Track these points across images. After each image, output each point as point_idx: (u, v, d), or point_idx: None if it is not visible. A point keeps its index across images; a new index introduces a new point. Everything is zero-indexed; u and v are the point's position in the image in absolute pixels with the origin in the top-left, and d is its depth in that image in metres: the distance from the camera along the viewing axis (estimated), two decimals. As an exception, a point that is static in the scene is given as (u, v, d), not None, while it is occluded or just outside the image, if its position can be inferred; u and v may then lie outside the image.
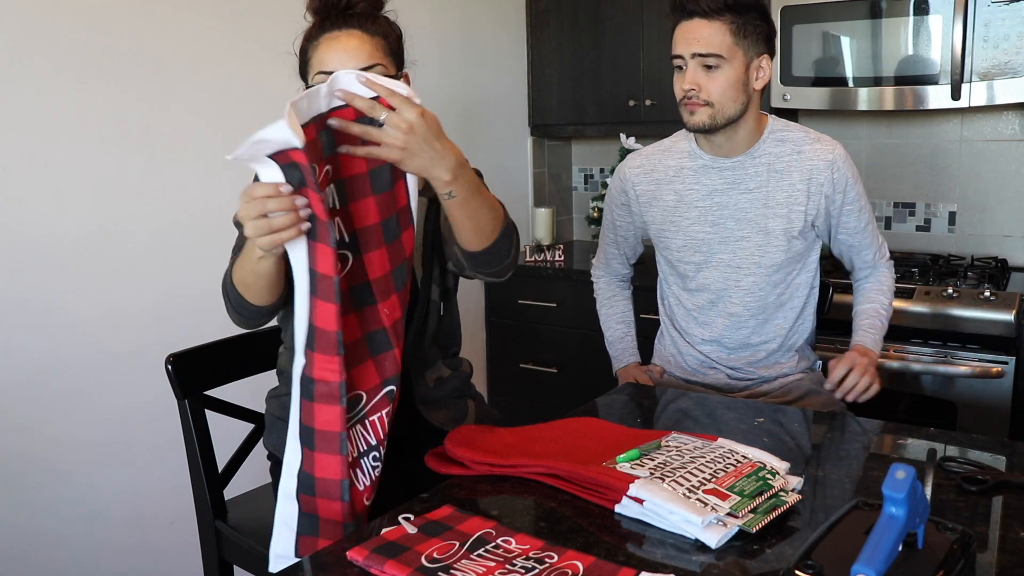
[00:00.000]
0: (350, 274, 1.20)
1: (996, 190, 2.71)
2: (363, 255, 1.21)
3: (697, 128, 1.69)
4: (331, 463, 1.18)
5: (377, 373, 1.24)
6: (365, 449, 1.24)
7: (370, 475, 1.25)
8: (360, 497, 1.23)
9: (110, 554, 2.02)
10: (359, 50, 1.39)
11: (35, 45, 1.83)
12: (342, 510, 1.20)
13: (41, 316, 1.88)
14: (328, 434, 1.17)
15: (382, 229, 1.22)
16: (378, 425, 1.24)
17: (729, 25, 1.64)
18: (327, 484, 1.19)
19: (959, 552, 0.91)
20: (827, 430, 1.44)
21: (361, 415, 1.23)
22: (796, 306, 1.83)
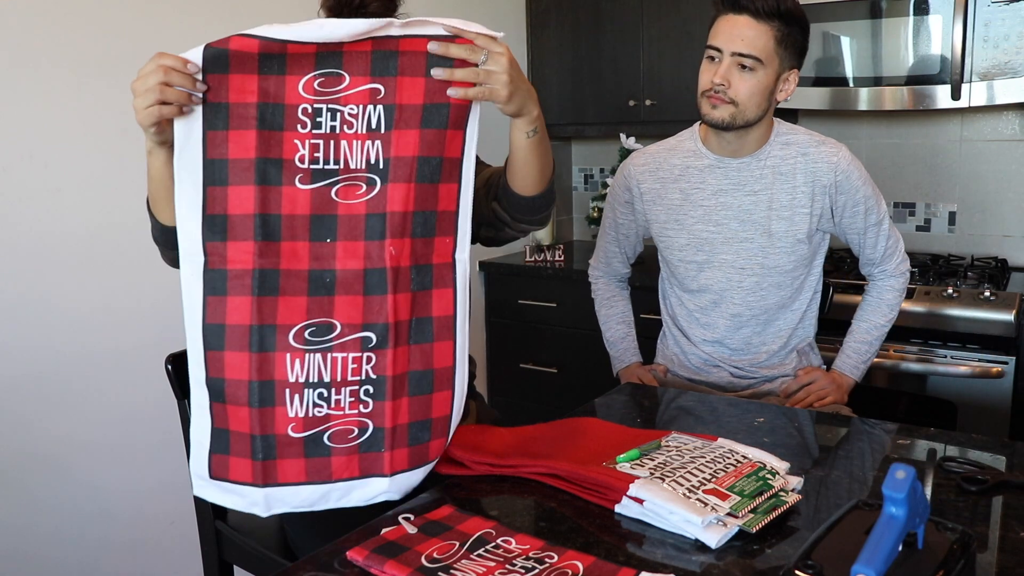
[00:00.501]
0: (371, 201, 1.14)
1: (996, 190, 2.71)
2: (388, 184, 1.14)
3: (715, 123, 1.69)
4: (239, 361, 1.11)
5: (361, 313, 1.15)
6: (314, 381, 1.14)
7: (307, 409, 1.14)
8: (285, 423, 1.13)
9: (110, 553, 2.02)
10: None
11: (35, 45, 1.83)
12: (250, 419, 1.11)
13: (41, 315, 1.88)
14: (238, 329, 1.11)
15: (416, 165, 1.14)
16: (339, 365, 1.14)
17: (775, 31, 1.64)
18: (236, 386, 1.12)
19: (959, 552, 0.91)
20: (827, 430, 1.44)
21: (326, 346, 1.14)
22: (799, 309, 1.83)
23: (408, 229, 1.15)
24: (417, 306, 1.17)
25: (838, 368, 1.86)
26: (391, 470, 1.17)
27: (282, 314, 1.13)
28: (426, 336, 1.18)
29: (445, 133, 1.15)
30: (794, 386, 1.83)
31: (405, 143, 1.14)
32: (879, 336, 1.86)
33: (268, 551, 1.49)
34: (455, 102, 1.15)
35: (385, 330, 1.15)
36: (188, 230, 1.12)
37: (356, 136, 1.13)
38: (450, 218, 1.18)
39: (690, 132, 1.85)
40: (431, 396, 1.19)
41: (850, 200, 1.76)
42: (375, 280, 1.15)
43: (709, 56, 1.69)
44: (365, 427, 1.16)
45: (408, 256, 1.16)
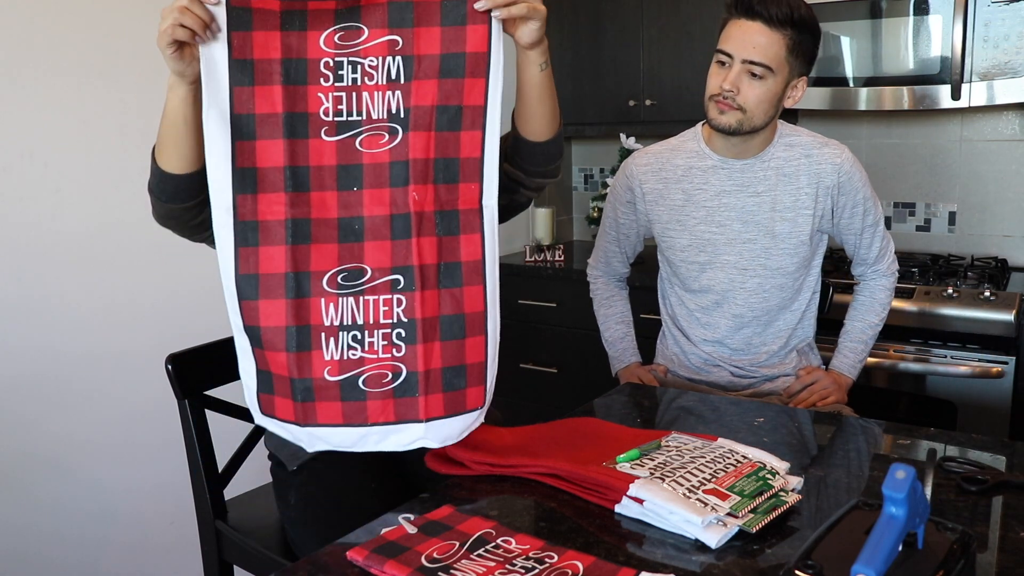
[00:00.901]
0: (393, 150, 1.17)
1: (996, 190, 2.71)
2: (409, 132, 1.17)
3: (722, 128, 1.69)
4: (275, 309, 1.15)
5: (390, 256, 1.18)
6: (348, 324, 1.18)
7: (342, 352, 1.18)
8: (321, 366, 1.17)
9: (110, 553, 2.02)
10: None
11: (35, 45, 1.83)
12: (287, 363, 1.16)
13: (41, 315, 1.88)
14: (273, 277, 1.15)
15: (436, 113, 1.17)
16: (371, 308, 1.18)
17: (787, 40, 1.63)
18: (273, 333, 1.16)
19: (959, 552, 0.91)
20: (827, 430, 1.44)
21: (359, 289, 1.18)
22: (799, 309, 1.84)
23: (430, 175, 1.18)
24: (444, 251, 1.19)
25: (836, 368, 1.87)
26: (426, 415, 1.19)
27: (315, 261, 1.17)
28: (456, 281, 1.20)
29: (463, 82, 1.17)
30: (797, 386, 1.83)
31: (424, 92, 1.17)
32: (873, 335, 1.88)
33: (268, 551, 1.49)
34: (471, 51, 1.17)
35: (412, 272, 1.18)
36: (219, 184, 1.15)
37: (377, 87, 1.17)
38: (474, 165, 1.20)
39: (693, 132, 1.84)
40: (464, 341, 1.21)
41: (850, 201, 1.77)
42: (400, 225, 1.18)
43: (719, 60, 1.68)
44: (399, 371, 1.19)
45: (432, 201, 1.18)
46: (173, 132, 1.20)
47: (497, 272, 1.22)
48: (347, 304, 1.18)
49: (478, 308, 1.21)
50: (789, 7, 1.61)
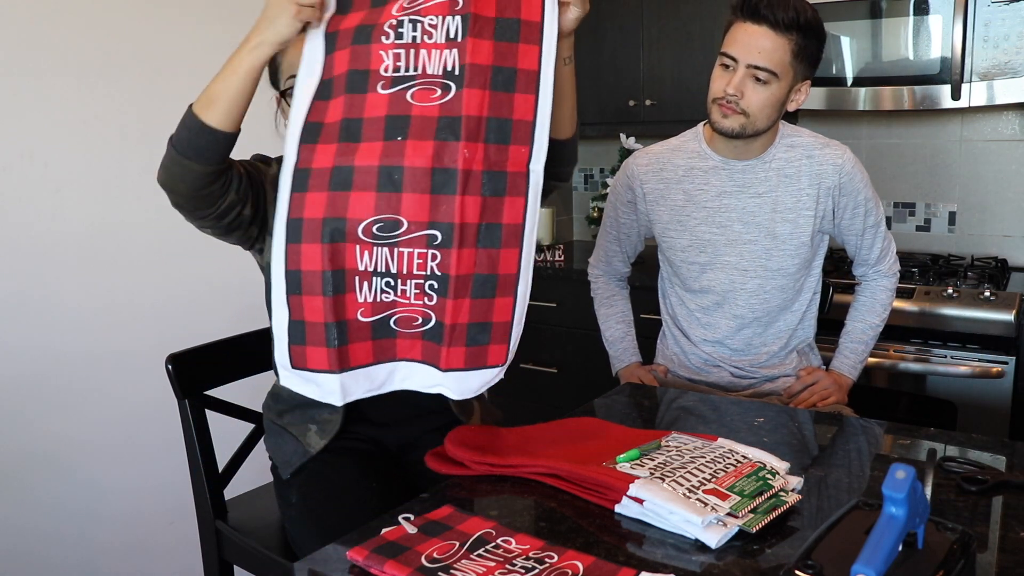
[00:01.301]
0: (444, 105, 1.18)
1: (996, 190, 2.71)
2: (463, 89, 1.18)
3: (725, 132, 1.69)
4: (313, 252, 1.18)
5: (428, 210, 1.18)
6: (382, 271, 1.21)
7: (375, 295, 1.21)
8: (355, 308, 1.20)
9: (110, 553, 2.02)
10: None
11: (36, 46, 1.83)
12: (323, 307, 1.18)
13: (41, 314, 1.88)
14: (312, 222, 1.18)
15: (490, 72, 1.18)
16: (404, 259, 1.20)
17: (792, 45, 1.61)
18: (311, 277, 1.18)
19: (959, 552, 0.91)
20: (827, 430, 1.44)
21: (393, 240, 1.20)
22: (799, 310, 1.83)
23: (482, 134, 1.18)
24: (487, 211, 1.20)
25: (836, 368, 1.87)
26: (445, 366, 1.22)
27: (352, 208, 1.18)
28: (494, 241, 1.21)
29: (517, 46, 1.19)
30: (797, 386, 1.83)
31: (480, 51, 1.18)
32: (874, 336, 1.87)
33: (268, 551, 1.49)
34: (525, 19, 1.19)
35: (451, 230, 1.18)
36: (292, 136, 1.20)
37: (435, 45, 1.19)
38: (526, 127, 1.20)
39: (694, 132, 1.84)
40: (493, 300, 1.22)
41: (851, 202, 1.77)
42: (443, 180, 1.18)
43: (723, 64, 1.67)
44: (428, 317, 1.23)
45: (481, 160, 1.18)
46: (239, 88, 1.21)
47: (535, 237, 1.23)
48: (381, 253, 1.20)
49: (511, 271, 1.22)
50: (795, 11, 1.60)
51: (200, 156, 1.24)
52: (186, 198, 1.29)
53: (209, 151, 1.24)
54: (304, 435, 1.47)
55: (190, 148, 1.24)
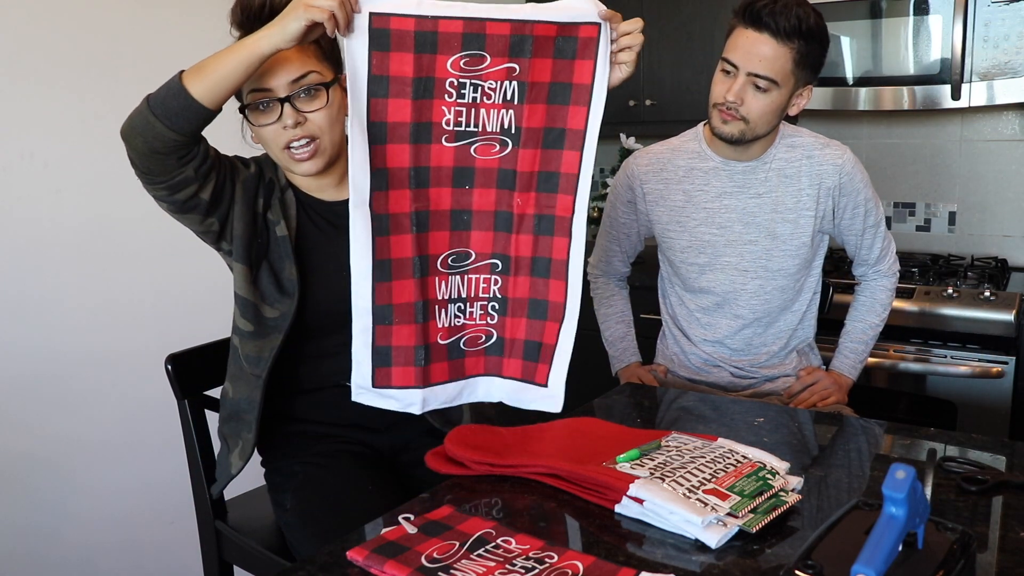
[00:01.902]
0: (504, 158, 1.36)
1: (996, 190, 2.71)
2: (519, 148, 1.35)
3: (724, 137, 1.69)
4: (407, 287, 1.35)
5: (492, 244, 1.39)
6: (454, 297, 1.39)
7: (450, 320, 1.39)
8: (435, 332, 1.38)
9: (110, 553, 2.02)
10: (290, 60, 1.36)
11: (36, 45, 1.83)
12: (415, 332, 1.35)
13: (41, 314, 1.88)
14: (404, 261, 1.34)
15: (543, 134, 1.35)
16: (473, 285, 1.40)
17: (794, 53, 1.60)
18: (405, 309, 1.35)
19: (959, 552, 0.91)
20: (827, 430, 1.44)
21: (464, 269, 1.39)
22: (799, 310, 1.83)
23: (533, 185, 1.37)
24: (538, 247, 1.39)
25: (837, 369, 1.87)
26: (507, 373, 1.41)
27: (432, 246, 1.37)
28: (544, 272, 1.39)
29: (568, 109, 1.35)
30: (797, 386, 1.83)
31: (534, 115, 1.34)
32: (874, 336, 1.87)
33: (268, 551, 1.49)
34: (577, 83, 1.33)
35: (508, 261, 1.39)
36: (358, 182, 1.29)
37: (493, 106, 1.34)
38: (571, 180, 1.37)
39: (694, 132, 1.84)
40: (544, 323, 1.39)
41: (851, 202, 1.76)
42: (503, 220, 1.38)
43: (724, 69, 1.66)
44: (491, 335, 1.42)
45: (532, 205, 1.37)
46: (232, 69, 1.24)
47: (580, 271, 1.38)
48: (454, 281, 1.39)
49: (559, 299, 1.39)
50: (798, 18, 1.58)
51: (168, 118, 1.27)
52: (140, 155, 1.32)
53: (179, 117, 1.27)
54: (233, 450, 1.48)
55: (161, 107, 1.27)
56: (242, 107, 1.40)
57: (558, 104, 1.35)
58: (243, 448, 1.47)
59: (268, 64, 1.34)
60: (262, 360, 1.44)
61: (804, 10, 1.60)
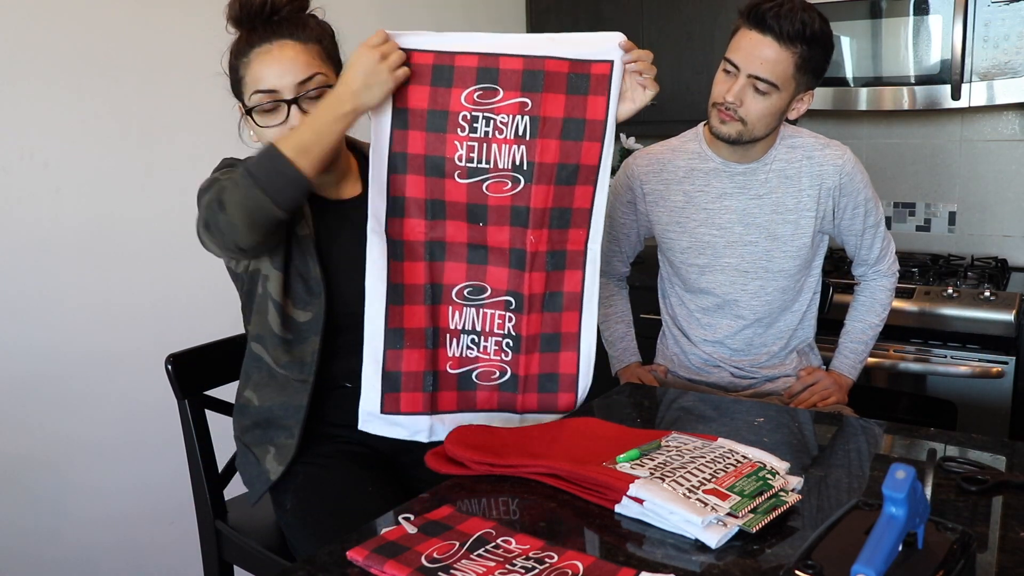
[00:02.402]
0: (516, 196, 1.37)
1: (996, 190, 2.71)
2: (532, 184, 1.36)
3: (722, 137, 1.68)
4: (417, 313, 1.38)
5: (507, 280, 1.40)
6: (468, 328, 1.42)
7: (462, 351, 1.42)
8: (444, 361, 1.41)
9: (110, 553, 2.02)
10: (295, 61, 1.35)
11: (35, 45, 1.83)
12: (425, 358, 1.38)
13: (41, 315, 1.88)
14: (416, 287, 1.38)
15: (556, 169, 1.36)
16: (487, 319, 1.42)
17: (796, 58, 1.59)
18: (415, 334, 1.38)
19: (959, 552, 0.91)
20: (827, 430, 1.44)
21: (480, 302, 1.42)
22: (799, 310, 1.83)
23: (546, 222, 1.38)
24: (551, 282, 1.41)
25: (837, 369, 1.87)
26: (522, 409, 1.44)
27: (447, 275, 1.40)
28: (557, 306, 1.41)
29: (582, 144, 1.37)
30: (798, 387, 1.83)
31: (547, 150, 1.36)
32: (874, 336, 1.87)
33: (268, 551, 1.49)
34: (591, 118, 1.36)
35: (521, 299, 1.40)
36: (376, 207, 1.35)
37: (505, 141, 1.36)
38: (584, 214, 1.40)
39: (694, 133, 1.84)
40: (558, 355, 1.42)
41: (851, 202, 1.76)
42: (516, 257, 1.40)
43: (725, 69, 1.65)
44: (504, 371, 1.43)
45: (545, 242, 1.39)
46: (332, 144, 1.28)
47: (596, 301, 1.42)
48: (469, 313, 1.42)
49: (573, 329, 1.42)
50: (802, 23, 1.56)
51: (280, 196, 1.24)
52: (246, 236, 1.27)
53: (292, 194, 1.25)
54: (264, 457, 1.46)
55: (272, 186, 1.23)
56: (249, 109, 1.39)
57: (572, 140, 1.36)
58: (280, 453, 1.44)
59: (274, 65, 1.34)
60: (305, 365, 1.42)
61: (809, 15, 1.58)
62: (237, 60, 1.37)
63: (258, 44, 1.35)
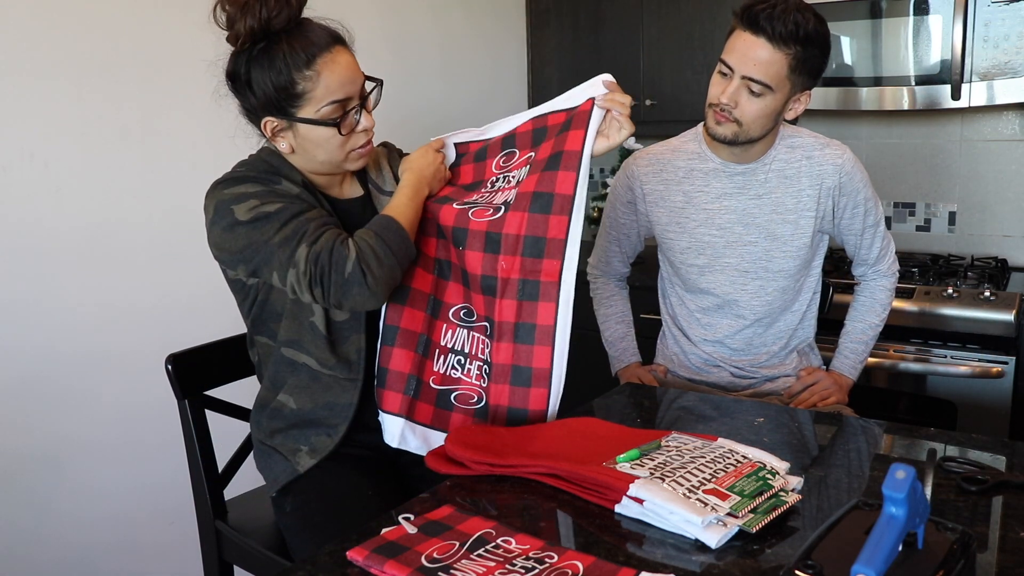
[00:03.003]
0: (493, 222, 1.40)
1: (996, 190, 2.71)
2: (507, 212, 1.40)
3: (718, 138, 1.68)
4: (417, 317, 1.44)
5: (484, 306, 1.43)
6: (458, 348, 1.46)
7: (446, 368, 1.46)
8: (429, 373, 1.45)
9: (110, 553, 2.02)
10: (355, 67, 1.40)
11: (35, 46, 1.83)
12: (412, 361, 1.43)
13: (41, 315, 1.88)
14: (420, 293, 1.45)
15: (531, 199, 1.39)
16: (474, 343, 1.45)
17: (790, 59, 1.58)
18: (408, 335, 1.43)
19: (959, 552, 0.91)
20: (827, 430, 1.44)
21: (470, 325, 1.46)
22: (799, 310, 1.83)
23: (519, 249, 1.39)
24: (523, 312, 1.39)
25: (837, 369, 1.87)
26: None
27: (448, 294, 1.47)
28: (529, 339, 1.39)
29: (557, 174, 1.39)
30: (798, 387, 1.83)
31: (528, 182, 1.41)
32: (874, 336, 1.87)
33: (268, 551, 1.49)
34: (568, 149, 1.40)
35: (493, 325, 1.41)
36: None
37: (508, 188, 1.44)
38: (559, 244, 1.38)
39: (693, 133, 1.84)
40: (528, 391, 1.39)
41: (851, 202, 1.76)
42: (489, 284, 1.41)
43: (720, 71, 1.65)
44: (481, 396, 1.45)
45: (517, 270, 1.39)
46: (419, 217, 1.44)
47: (568, 335, 1.39)
48: (461, 334, 1.46)
49: (544, 365, 1.39)
50: (795, 24, 1.55)
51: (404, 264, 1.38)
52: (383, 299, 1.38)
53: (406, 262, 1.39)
54: (294, 455, 1.46)
55: (405, 261, 1.37)
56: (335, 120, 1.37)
57: (550, 171, 1.39)
58: (315, 450, 1.45)
59: (345, 73, 1.36)
60: (352, 363, 1.44)
61: (803, 15, 1.57)
62: (295, 73, 1.33)
63: (318, 53, 1.33)
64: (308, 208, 1.35)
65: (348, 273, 1.29)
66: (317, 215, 1.35)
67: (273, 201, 1.33)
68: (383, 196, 1.53)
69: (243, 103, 1.41)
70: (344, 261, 1.29)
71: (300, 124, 1.37)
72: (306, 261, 1.28)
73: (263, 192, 1.35)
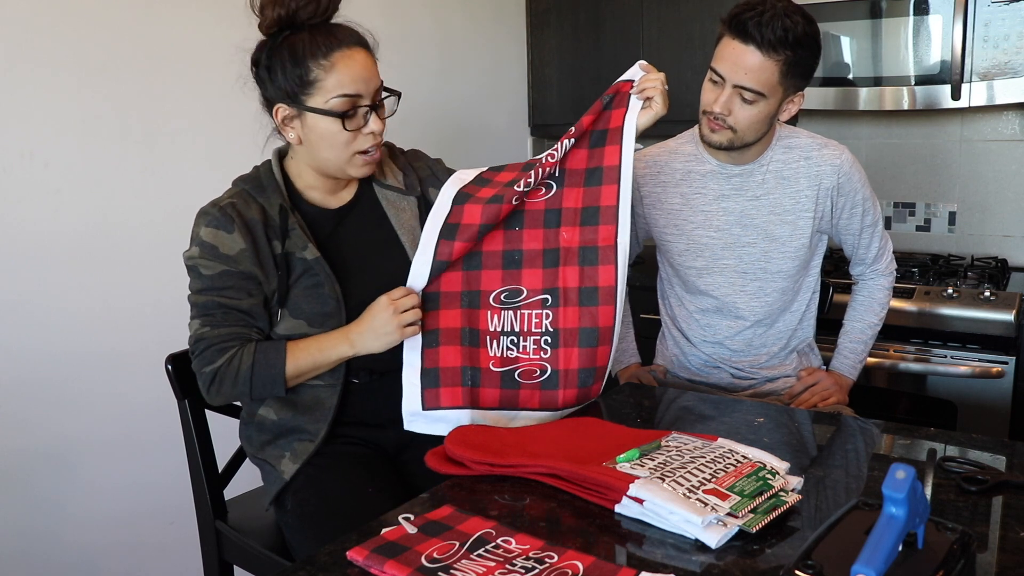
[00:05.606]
0: (550, 200, 1.52)
1: (996, 190, 2.71)
2: (563, 188, 1.51)
3: (713, 145, 1.68)
4: (453, 315, 1.48)
5: (542, 280, 1.50)
6: (508, 330, 1.50)
7: (503, 351, 1.50)
8: (486, 359, 1.49)
9: (110, 553, 2.02)
10: (374, 68, 1.41)
11: (35, 45, 1.83)
12: (462, 354, 1.47)
13: (41, 314, 1.88)
14: (451, 295, 1.48)
15: (584, 174, 1.50)
16: (526, 320, 1.50)
17: (781, 64, 1.56)
18: (450, 333, 1.47)
19: (959, 552, 0.91)
20: (827, 430, 1.44)
21: (516, 305, 1.50)
22: (798, 310, 1.83)
23: (578, 219, 1.50)
24: (585, 277, 1.49)
25: (837, 369, 1.87)
26: (563, 404, 1.50)
27: (484, 282, 1.50)
28: (593, 301, 1.48)
29: (604, 149, 1.51)
30: (798, 387, 1.83)
31: (576, 158, 1.52)
32: (873, 335, 1.87)
33: (268, 551, 1.49)
34: (612, 127, 1.51)
35: (557, 293, 1.49)
36: (428, 236, 1.46)
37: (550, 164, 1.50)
38: (611, 210, 1.48)
39: (690, 135, 1.84)
40: (596, 349, 1.49)
41: (849, 202, 1.76)
42: (550, 257, 1.50)
43: (712, 79, 1.64)
44: (545, 369, 1.50)
45: (577, 239, 1.49)
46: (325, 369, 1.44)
47: (624, 294, 1.49)
48: (508, 316, 1.50)
49: (609, 323, 1.48)
50: (784, 29, 1.53)
51: (260, 397, 1.44)
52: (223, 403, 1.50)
53: (264, 394, 1.43)
54: (278, 463, 1.47)
55: (261, 393, 1.42)
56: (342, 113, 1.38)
57: (596, 148, 1.51)
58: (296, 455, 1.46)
59: (361, 70, 1.38)
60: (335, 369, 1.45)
61: (792, 19, 1.55)
62: (310, 61, 1.35)
63: (337, 47, 1.36)
64: (234, 285, 1.41)
65: (204, 372, 1.39)
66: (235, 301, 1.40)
67: (209, 264, 1.40)
68: (386, 191, 1.55)
69: (263, 91, 1.44)
70: (206, 364, 1.38)
71: (308, 114, 1.39)
72: (192, 334, 1.41)
73: (208, 248, 1.40)
